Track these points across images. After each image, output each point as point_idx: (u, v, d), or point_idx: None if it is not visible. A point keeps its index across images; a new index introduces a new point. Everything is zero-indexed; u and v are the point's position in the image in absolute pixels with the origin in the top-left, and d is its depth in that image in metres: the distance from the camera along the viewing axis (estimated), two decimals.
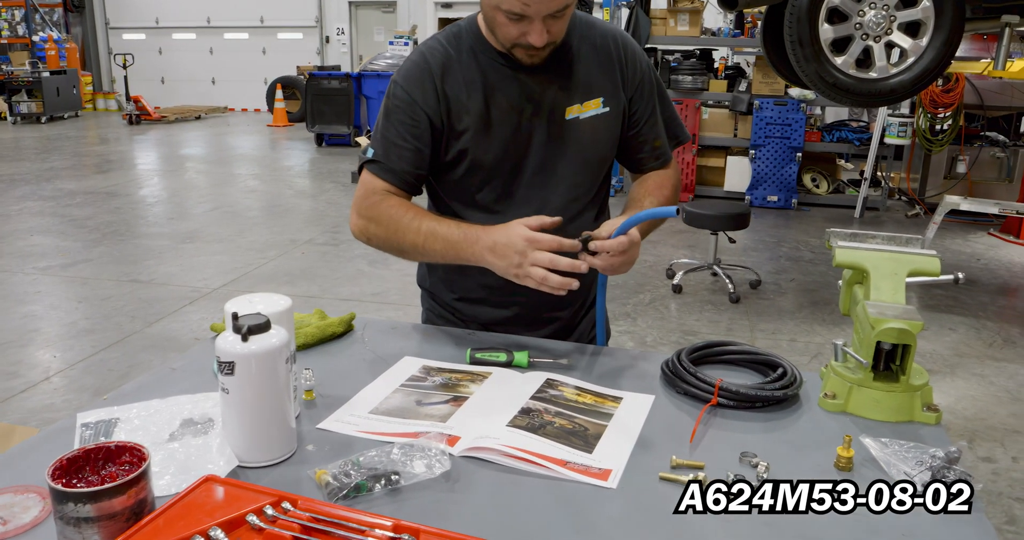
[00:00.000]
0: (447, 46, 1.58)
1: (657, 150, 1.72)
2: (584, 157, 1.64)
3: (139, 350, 4.15)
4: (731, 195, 8.18)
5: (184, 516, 0.96)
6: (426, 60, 1.57)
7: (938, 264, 1.42)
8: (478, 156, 1.59)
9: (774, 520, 1.03)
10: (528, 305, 1.70)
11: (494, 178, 1.61)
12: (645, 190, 1.69)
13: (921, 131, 7.62)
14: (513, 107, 1.57)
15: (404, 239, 1.55)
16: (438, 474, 1.10)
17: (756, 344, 4.37)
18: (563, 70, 1.59)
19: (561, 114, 1.59)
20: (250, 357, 1.10)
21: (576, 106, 1.60)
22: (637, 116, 1.67)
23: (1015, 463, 3.18)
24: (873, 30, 4.26)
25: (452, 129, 1.57)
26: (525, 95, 1.57)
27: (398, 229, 1.55)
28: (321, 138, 12.06)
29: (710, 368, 1.50)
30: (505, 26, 1.45)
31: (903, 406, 1.33)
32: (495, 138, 1.58)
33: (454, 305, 1.77)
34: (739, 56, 11.19)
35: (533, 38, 1.44)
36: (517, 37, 1.46)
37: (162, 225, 7.03)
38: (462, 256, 1.50)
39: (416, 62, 1.58)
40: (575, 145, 1.62)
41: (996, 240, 6.90)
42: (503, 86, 1.56)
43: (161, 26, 17.98)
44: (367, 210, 1.59)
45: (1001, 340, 4.56)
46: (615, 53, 1.63)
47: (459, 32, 1.60)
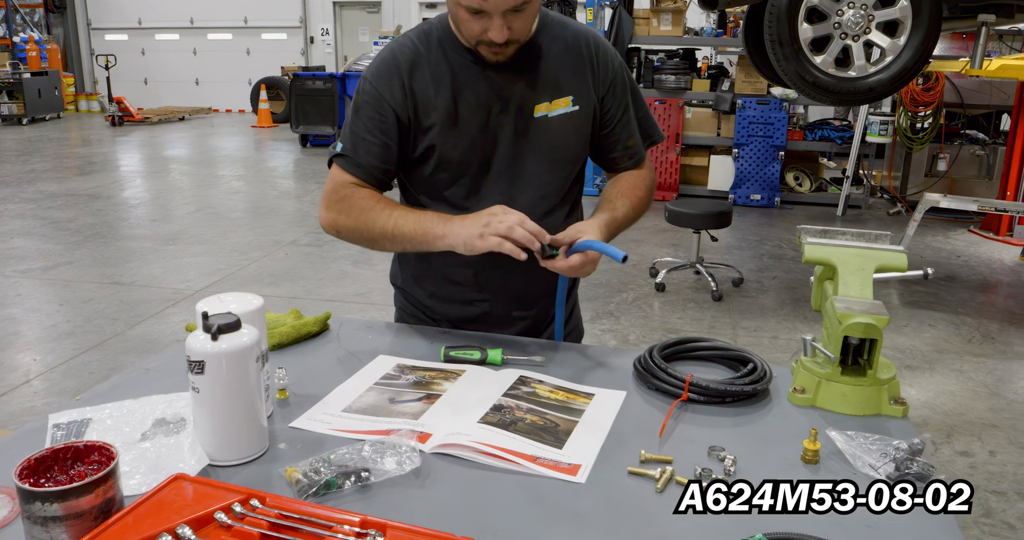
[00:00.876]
0: (417, 43, 1.60)
1: (630, 150, 1.73)
2: (553, 155, 1.65)
3: (120, 352, 4.14)
4: (715, 194, 8.22)
5: (152, 514, 0.96)
6: (395, 56, 1.59)
7: (905, 260, 1.44)
8: (445, 152, 1.60)
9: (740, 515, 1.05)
10: (496, 303, 1.71)
11: (462, 174, 1.63)
12: (618, 190, 1.70)
13: (902, 129, 7.68)
14: (481, 104, 1.58)
15: (374, 225, 1.56)
16: (408, 471, 1.11)
17: (738, 341, 4.42)
18: (533, 68, 1.60)
19: (530, 112, 1.60)
20: (220, 356, 1.11)
21: (545, 104, 1.61)
22: (609, 116, 1.68)
23: (992, 457, 3.22)
24: (852, 29, 4.29)
25: (419, 125, 1.59)
26: (493, 92, 1.58)
27: (368, 218, 1.56)
28: (306, 139, 12.03)
29: (682, 364, 1.51)
30: (467, 22, 1.47)
31: (870, 400, 1.35)
32: (463, 134, 1.59)
33: (425, 303, 1.78)
34: (722, 56, 11.25)
35: (493, 34, 1.45)
36: (480, 33, 1.47)
37: (145, 227, 7.00)
38: (431, 233, 1.50)
39: (385, 58, 1.60)
40: (544, 143, 1.63)
41: (976, 237, 6.97)
42: (471, 83, 1.58)
43: (144, 27, 17.88)
44: (336, 203, 1.61)
45: (980, 336, 4.61)
46: (587, 53, 1.64)
47: (430, 29, 1.62)
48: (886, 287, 5.44)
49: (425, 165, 1.63)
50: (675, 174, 8.26)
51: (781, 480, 1.07)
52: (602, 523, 1.02)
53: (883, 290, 5.39)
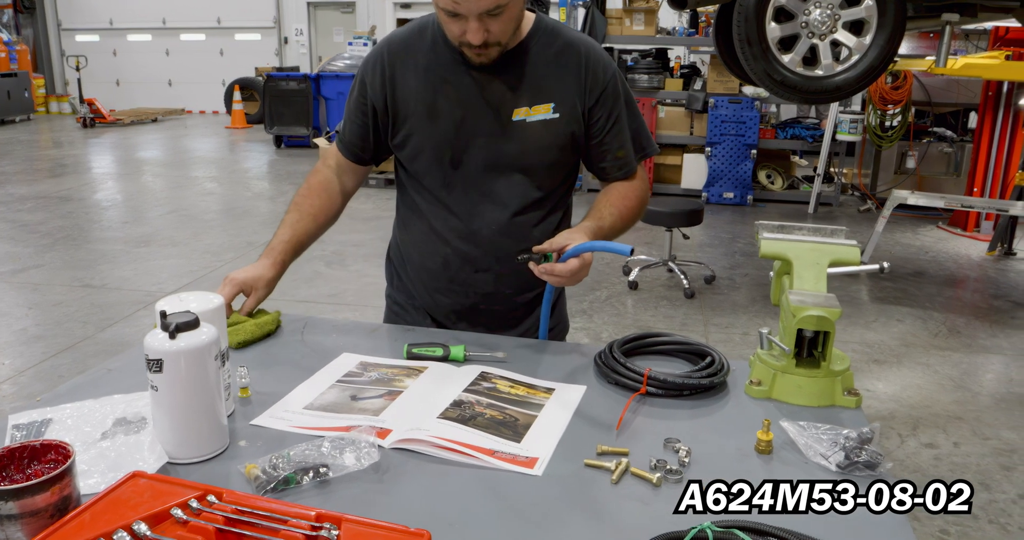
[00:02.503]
0: (410, 35, 1.68)
1: (620, 160, 1.73)
2: (527, 159, 1.66)
3: (90, 356, 4.10)
4: (688, 192, 8.28)
5: (109, 511, 0.97)
6: (386, 46, 1.70)
7: (858, 253, 1.47)
8: (421, 142, 1.67)
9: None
10: (466, 295, 1.76)
11: (437, 167, 1.68)
12: (608, 200, 1.72)
13: (872, 127, 7.78)
14: (460, 101, 1.63)
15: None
16: (367, 466, 1.12)
17: (710, 338, 4.47)
18: (517, 72, 1.63)
19: (508, 114, 1.63)
20: (178, 354, 1.11)
21: (524, 108, 1.63)
22: (598, 126, 1.68)
23: (956, 448, 3.28)
24: (818, 29, 4.35)
25: (397, 113, 1.67)
26: (474, 91, 1.62)
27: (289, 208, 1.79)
28: (280, 140, 11.97)
29: (643, 359, 1.54)
30: (447, 24, 1.52)
31: (824, 391, 1.38)
32: (439, 128, 1.64)
33: (411, 288, 1.84)
34: (694, 55, 11.34)
35: (470, 36, 1.49)
36: (460, 35, 1.51)
37: (116, 229, 6.93)
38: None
39: (377, 49, 1.71)
40: (519, 146, 1.65)
41: (944, 233, 7.08)
42: (454, 79, 1.62)
43: (115, 27, 17.69)
44: (310, 174, 1.84)
45: (946, 330, 4.69)
46: (575, 61, 1.65)
47: (426, 24, 1.69)
48: (856, 283, 5.52)
49: (403, 152, 1.72)
50: (648, 173, 8.31)
51: (781, 480, 1.07)
52: (556, 514, 1.04)
53: (852, 286, 5.46)
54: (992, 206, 6.13)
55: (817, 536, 0.93)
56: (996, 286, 5.60)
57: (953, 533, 2.69)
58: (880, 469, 1.15)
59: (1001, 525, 2.74)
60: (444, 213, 1.70)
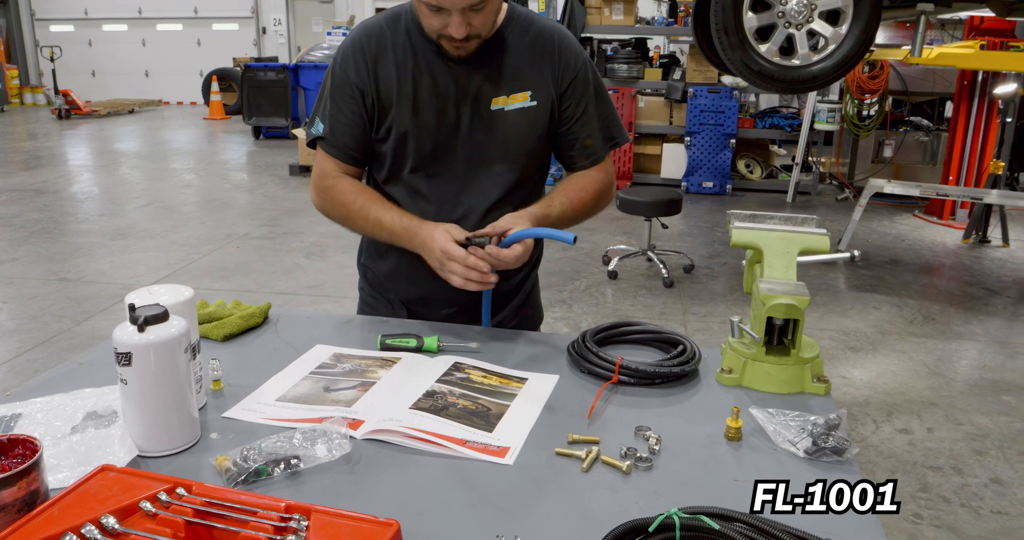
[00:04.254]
0: (385, 27, 1.64)
1: (588, 149, 1.73)
2: (507, 148, 1.67)
3: (66, 350, 4.07)
4: (668, 182, 8.30)
5: (77, 505, 0.96)
6: (362, 38, 1.64)
7: (827, 242, 1.48)
8: (403, 136, 1.65)
9: (659, 487, 1.08)
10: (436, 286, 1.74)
11: (419, 159, 1.66)
12: (563, 189, 1.71)
13: (849, 117, 7.83)
14: (439, 92, 1.62)
15: (355, 226, 1.69)
16: (338, 457, 1.13)
17: (688, 327, 4.50)
18: (493, 61, 1.62)
19: (487, 104, 1.63)
20: (148, 347, 1.11)
21: (503, 97, 1.63)
22: (568, 113, 1.68)
23: (930, 434, 3.32)
24: (795, 18, 4.37)
25: (382, 106, 1.64)
26: (452, 81, 1.61)
27: (348, 215, 1.67)
28: (259, 131, 11.89)
29: (615, 348, 1.54)
30: (428, 18, 1.50)
31: (794, 378, 1.39)
32: (421, 120, 1.63)
33: (384, 281, 1.83)
34: (674, 45, 11.34)
35: (452, 30, 1.48)
36: (440, 28, 1.50)
37: (93, 222, 6.87)
38: (404, 246, 1.62)
39: (354, 39, 1.66)
40: (499, 135, 1.65)
41: (920, 221, 7.15)
42: (432, 71, 1.61)
43: (90, 17, 17.48)
44: (323, 191, 1.71)
45: (921, 317, 4.74)
46: (549, 48, 1.65)
47: (399, 14, 1.65)
48: (832, 271, 5.57)
49: (385, 145, 1.68)
50: (628, 162, 8.33)
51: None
52: (527, 503, 1.05)
53: (829, 274, 5.51)
54: (967, 194, 6.20)
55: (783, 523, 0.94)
56: (970, 274, 5.67)
57: (926, 517, 2.73)
58: (847, 455, 1.16)
59: (973, 509, 2.78)
60: (423, 205, 1.68)
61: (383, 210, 1.63)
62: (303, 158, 8.89)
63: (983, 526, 2.68)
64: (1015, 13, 4.96)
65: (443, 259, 1.51)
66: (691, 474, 1.13)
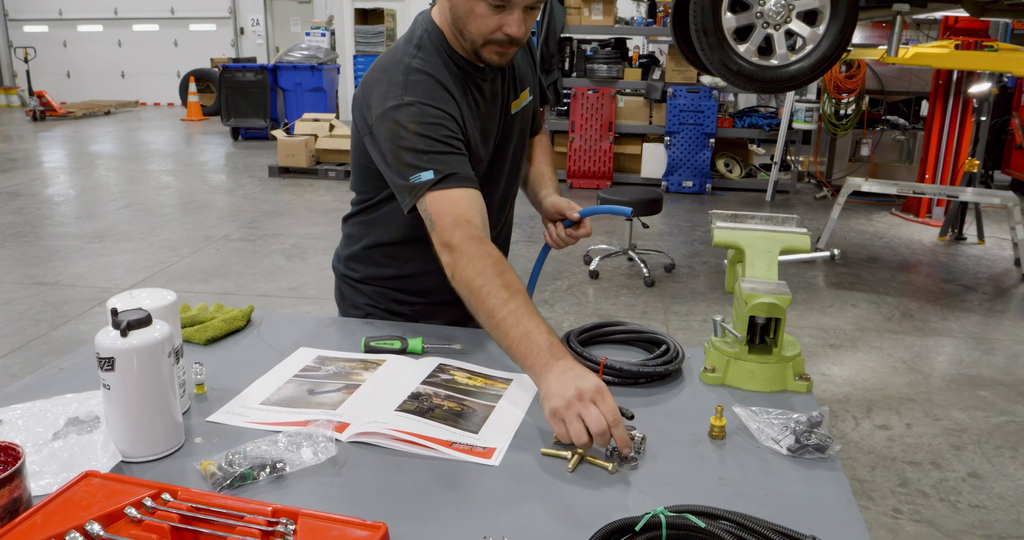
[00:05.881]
0: (427, 58, 1.52)
1: (536, 119, 1.89)
2: (521, 146, 1.75)
3: (44, 354, 4.03)
4: (648, 181, 8.34)
5: (61, 512, 0.96)
6: (431, 75, 1.50)
7: (808, 241, 1.50)
8: (474, 167, 1.52)
9: (645, 486, 1.09)
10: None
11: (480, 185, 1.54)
12: (537, 156, 1.90)
13: (827, 116, 7.90)
14: (490, 116, 1.63)
15: (480, 311, 1.33)
16: (324, 460, 1.12)
17: (670, 326, 4.52)
18: (508, 72, 1.66)
19: (508, 109, 1.67)
20: (131, 352, 1.10)
21: (516, 101, 1.69)
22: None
23: (908, 429, 3.36)
24: (773, 19, 4.40)
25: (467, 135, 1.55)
26: (494, 103, 1.63)
27: (479, 301, 1.33)
28: (237, 132, 11.82)
29: (599, 348, 1.55)
30: (484, 18, 1.42)
31: (776, 376, 1.41)
32: (484, 148, 1.62)
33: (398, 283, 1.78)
34: (653, 45, 11.39)
35: (514, 29, 1.42)
36: (494, 30, 1.44)
37: (69, 225, 6.79)
38: (521, 359, 1.26)
39: (424, 79, 1.49)
40: (517, 135, 1.72)
41: (897, 219, 7.22)
42: (479, 97, 1.59)
43: (65, 18, 17.28)
44: (464, 247, 1.37)
45: (899, 314, 4.79)
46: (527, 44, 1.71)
47: (423, 43, 1.54)
48: (812, 269, 5.61)
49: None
50: (609, 162, 8.36)
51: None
52: (513, 504, 1.05)
53: (809, 272, 5.56)
54: (943, 192, 6.27)
55: (769, 519, 0.95)
56: (947, 270, 5.74)
57: (905, 512, 2.76)
58: (829, 452, 1.18)
59: (952, 503, 2.82)
60: None
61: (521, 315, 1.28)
62: (282, 159, 8.84)
63: (961, 520, 2.72)
64: (989, 13, 5.03)
65: (595, 398, 1.15)
66: (676, 473, 1.13)
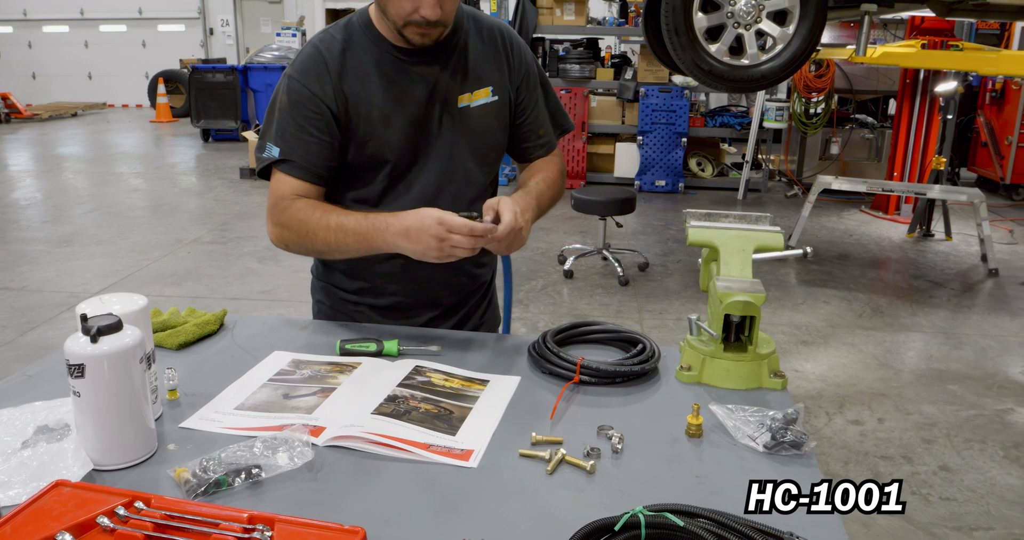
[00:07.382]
0: (340, 39, 1.58)
1: (542, 139, 1.78)
2: (475, 145, 1.68)
3: (11, 361, 3.96)
4: (621, 181, 8.37)
5: (31, 523, 0.94)
6: (321, 54, 1.57)
7: (781, 239, 1.51)
8: (379, 149, 1.59)
9: (624, 486, 1.09)
10: (424, 291, 1.75)
11: (394, 169, 1.62)
12: (531, 174, 1.76)
13: (797, 115, 7.98)
14: (410, 98, 1.59)
15: (316, 239, 1.53)
16: (300, 465, 1.11)
17: (644, 324, 4.54)
18: (454, 59, 1.63)
19: (454, 102, 1.63)
20: (101, 358, 1.08)
21: (467, 95, 1.64)
22: (523, 106, 1.73)
23: (880, 424, 3.40)
24: (744, 19, 4.44)
25: (352, 123, 1.57)
26: (420, 85, 1.60)
27: (308, 231, 1.53)
28: (207, 133, 11.70)
29: (576, 348, 1.55)
30: (401, 0, 1.46)
31: (752, 374, 1.41)
32: (395, 130, 1.59)
33: (352, 297, 1.78)
34: (625, 45, 11.44)
35: (426, 11, 1.45)
36: (410, 12, 1.47)
37: (36, 229, 6.68)
38: (374, 246, 1.49)
39: (311, 55, 1.57)
40: (467, 133, 1.66)
41: (867, 217, 7.31)
42: (398, 77, 1.59)
43: (30, 18, 17.01)
44: (278, 216, 1.58)
45: (870, 310, 4.85)
46: (501, 44, 1.68)
47: (350, 25, 1.61)
48: (784, 267, 5.67)
49: (358, 159, 1.61)
50: (582, 162, 8.38)
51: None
52: (492, 506, 1.05)
53: (781, 270, 5.61)
54: (911, 190, 6.36)
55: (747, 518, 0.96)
56: (916, 267, 5.82)
57: None
58: (805, 448, 1.19)
59: (923, 496, 2.86)
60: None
61: (344, 215, 1.51)
62: (253, 161, 8.75)
63: (933, 513, 2.75)
64: (954, 13, 5.11)
65: (442, 232, 1.39)
66: (654, 471, 1.14)
